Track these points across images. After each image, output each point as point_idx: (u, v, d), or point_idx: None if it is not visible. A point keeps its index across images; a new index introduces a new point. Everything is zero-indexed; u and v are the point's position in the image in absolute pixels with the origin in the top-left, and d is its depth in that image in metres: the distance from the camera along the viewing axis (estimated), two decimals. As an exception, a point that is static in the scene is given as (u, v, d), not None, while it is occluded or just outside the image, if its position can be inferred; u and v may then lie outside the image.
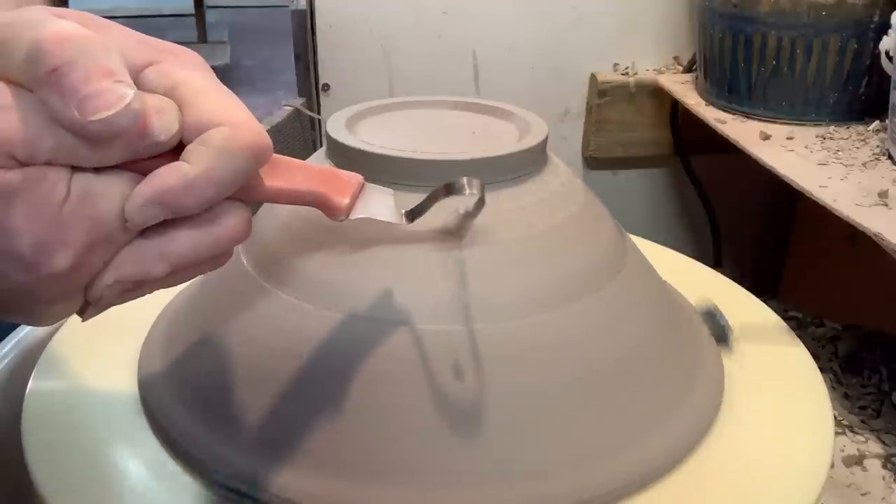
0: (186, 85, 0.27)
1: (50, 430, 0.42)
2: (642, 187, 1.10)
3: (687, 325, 0.49)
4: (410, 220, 0.35)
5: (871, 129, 0.76)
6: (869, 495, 0.61)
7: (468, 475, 0.37)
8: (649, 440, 0.40)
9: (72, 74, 0.24)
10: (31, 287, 0.27)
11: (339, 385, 0.37)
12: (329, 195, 0.32)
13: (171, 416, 0.41)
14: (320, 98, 0.98)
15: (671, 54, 1.01)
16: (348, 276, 0.39)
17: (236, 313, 0.41)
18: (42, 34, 0.24)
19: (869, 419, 0.70)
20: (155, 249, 0.28)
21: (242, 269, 0.42)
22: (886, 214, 0.59)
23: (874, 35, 0.74)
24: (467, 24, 0.96)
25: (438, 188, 0.35)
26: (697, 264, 0.61)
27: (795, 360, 0.50)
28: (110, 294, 0.28)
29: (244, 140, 0.27)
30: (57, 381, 0.45)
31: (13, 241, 0.25)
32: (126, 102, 0.25)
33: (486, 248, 0.39)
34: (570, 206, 0.43)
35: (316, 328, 0.38)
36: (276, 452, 0.38)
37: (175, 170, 0.26)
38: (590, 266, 0.42)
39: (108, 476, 0.39)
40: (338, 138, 0.43)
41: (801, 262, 1.13)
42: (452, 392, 0.37)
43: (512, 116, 0.48)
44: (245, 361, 0.40)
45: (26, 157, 0.25)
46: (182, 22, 3.71)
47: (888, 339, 0.79)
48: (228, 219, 0.28)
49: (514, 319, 0.38)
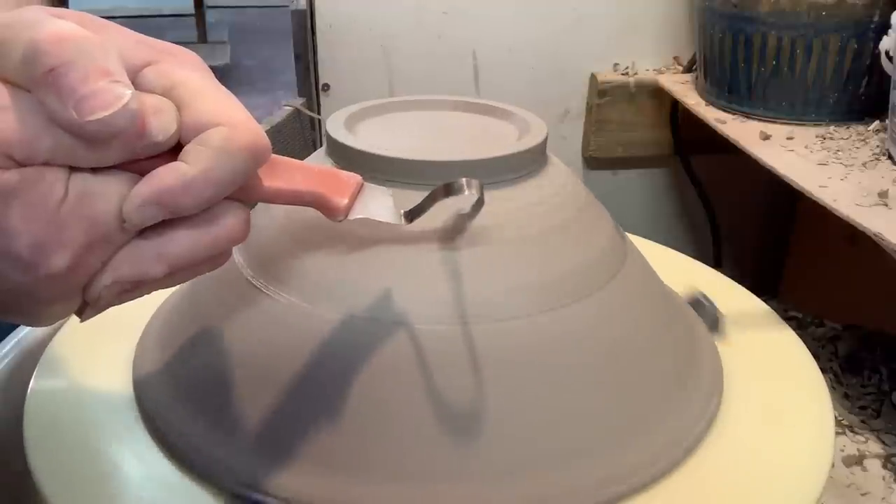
0: (185, 85, 0.27)
1: (52, 430, 0.41)
2: (642, 187, 1.10)
3: (685, 326, 0.49)
4: (409, 220, 0.35)
5: (871, 129, 0.76)
6: (869, 495, 0.61)
7: (467, 474, 0.37)
8: (648, 440, 0.40)
9: (69, 75, 0.24)
10: (30, 287, 0.27)
11: (338, 385, 0.37)
12: (328, 195, 0.32)
13: (168, 417, 0.41)
14: (320, 98, 0.98)
15: (671, 54, 1.01)
16: (347, 276, 0.39)
17: (233, 313, 0.41)
18: (40, 34, 0.24)
19: (869, 419, 0.70)
20: (153, 250, 0.28)
21: (238, 268, 0.42)
22: (886, 214, 0.59)
23: (874, 35, 0.74)
24: (467, 25, 0.96)
25: (437, 188, 0.35)
26: (697, 264, 0.61)
27: (796, 360, 0.50)
28: (108, 294, 0.28)
29: (243, 140, 0.27)
30: (58, 380, 0.45)
31: (11, 241, 0.25)
32: (123, 102, 0.25)
33: (485, 248, 0.39)
34: (569, 206, 0.43)
35: (315, 328, 0.38)
36: (274, 452, 0.38)
37: (173, 170, 0.26)
38: (589, 266, 0.42)
39: (109, 476, 0.39)
40: (337, 138, 0.43)
41: (801, 262, 1.13)
42: (452, 391, 0.37)
43: (512, 117, 0.48)
44: (242, 361, 0.40)
45: (24, 157, 0.25)
46: (182, 22, 3.70)
47: (888, 339, 0.79)
48: (227, 219, 0.28)
49: (514, 319, 0.38)
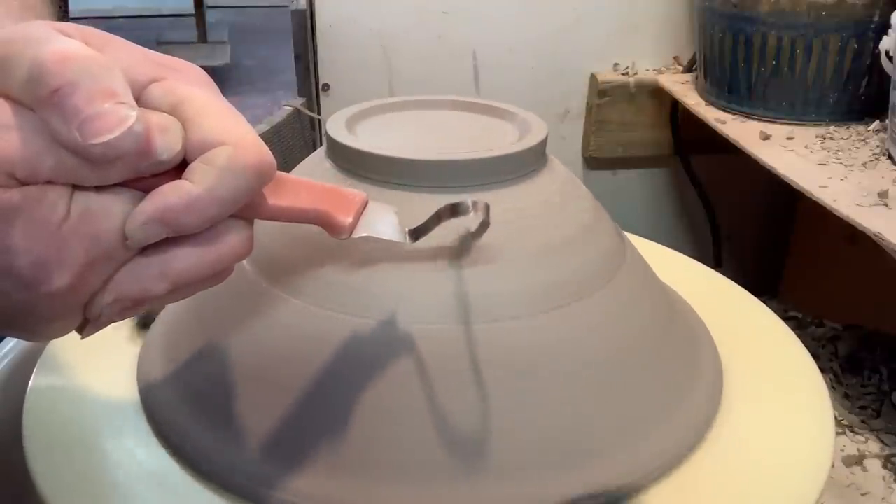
0: (190, 102, 0.27)
1: (51, 429, 0.41)
2: (642, 187, 1.10)
3: (685, 326, 0.49)
4: (414, 238, 0.35)
5: (871, 129, 0.76)
6: (869, 495, 0.61)
7: (472, 476, 0.37)
8: (648, 441, 0.40)
9: (73, 95, 0.24)
10: (30, 305, 0.26)
11: (346, 387, 0.37)
12: (332, 213, 0.32)
13: (173, 418, 0.41)
14: (320, 98, 0.98)
15: (671, 54, 1.01)
16: (352, 279, 0.39)
17: (240, 314, 0.41)
18: (44, 53, 0.24)
19: (869, 419, 0.70)
20: (156, 268, 0.27)
21: (245, 272, 0.42)
22: (886, 214, 0.59)
23: (874, 35, 0.74)
24: (467, 25, 0.96)
25: (443, 208, 0.35)
26: (697, 264, 0.61)
27: (795, 360, 0.50)
28: (110, 312, 0.28)
29: (248, 159, 0.27)
30: (58, 380, 0.45)
31: (12, 259, 0.25)
32: (129, 125, 0.24)
33: (486, 249, 0.39)
34: (568, 206, 0.43)
35: (323, 331, 0.38)
36: (281, 453, 0.38)
37: (177, 188, 0.26)
38: (588, 267, 0.42)
39: (109, 475, 0.39)
40: (337, 138, 0.43)
41: (801, 262, 1.13)
42: (455, 392, 0.37)
43: (512, 116, 0.47)
44: (248, 363, 0.40)
45: (26, 176, 0.25)
46: (182, 22, 3.70)
47: (888, 339, 0.80)
48: (230, 237, 0.28)
49: (514, 319, 0.38)
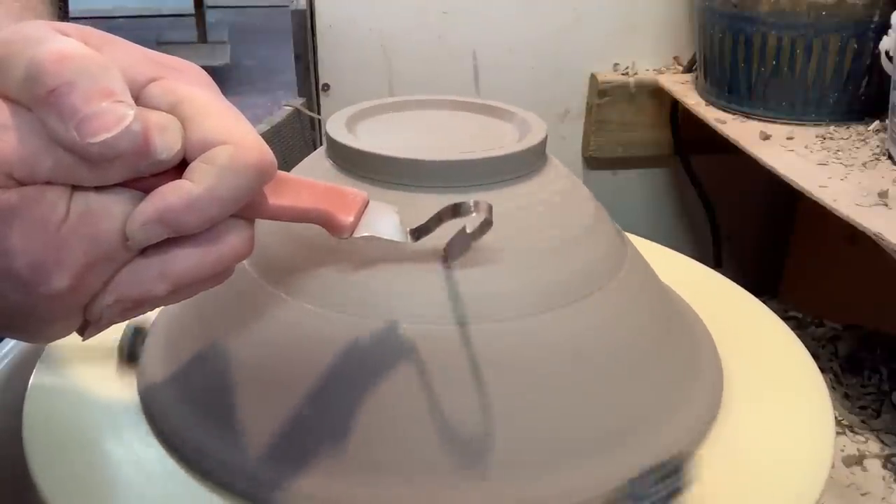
0: (190, 101, 0.27)
1: (51, 429, 0.41)
2: (642, 187, 1.10)
3: (685, 326, 0.49)
4: (415, 238, 0.35)
5: (871, 129, 0.76)
6: (869, 495, 0.61)
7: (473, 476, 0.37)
8: (648, 441, 0.40)
9: (71, 95, 0.23)
10: (29, 307, 0.26)
11: (348, 387, 0.37)
12: (333, 213, 0.32)
13: (174, 418, 0.41)
14: (320, 98, 0.98)
15: (671, 54, 1.01)
16: (353, 279, 0.39)
17: (240, 316, 0.41)
18: (42, 53, 0.24)
19: (869, 419, 0.70)
20: (156, 269, 0.27)
21: (246, 272, 0.42)
22: (886, 214, 0.59)
23: (874, 35, 0.74)
24: (467, 25, 0.96)
25: (445, 208, 0.35)
26: (697, 264, 0.61)
27: (796, 360, 0.50)
28: (110, 313, 0.28)
29: (248, 158, 0.26)
30: (58, 379, 0.45)
31: (11, 261, 0.25)
32: (126, 124, 0.24)
33: (486, 249, 0.39)
34: (568, 206, 0.43)
35: (324, 331, 0.38)
36: (282, 453, 0.38)
37: (178, 188, 0.26)
38: (588, 267, 0.42)
39: (109, 475, 0.39)
40: (337, 138, 0.43)
41: (801, 262, 1.13)
42: (456, 392, 0.37)
43: (512, 116, 0.47)
44: (250, 363, 0.40)
45: (24, 176, 0.24)
46: (182, 22, 3.70)
47: (888, 339, 0.80)
48: (231, 237, 0.28)
49: (515, 319, 0.38)
